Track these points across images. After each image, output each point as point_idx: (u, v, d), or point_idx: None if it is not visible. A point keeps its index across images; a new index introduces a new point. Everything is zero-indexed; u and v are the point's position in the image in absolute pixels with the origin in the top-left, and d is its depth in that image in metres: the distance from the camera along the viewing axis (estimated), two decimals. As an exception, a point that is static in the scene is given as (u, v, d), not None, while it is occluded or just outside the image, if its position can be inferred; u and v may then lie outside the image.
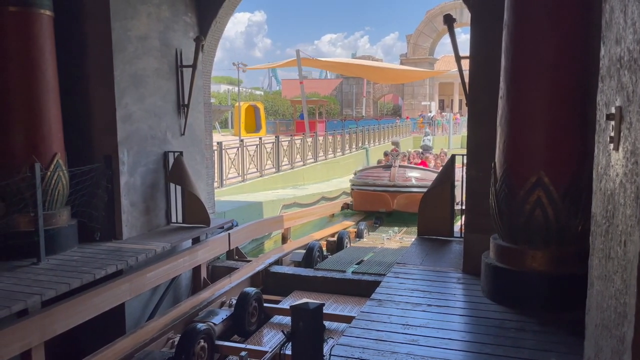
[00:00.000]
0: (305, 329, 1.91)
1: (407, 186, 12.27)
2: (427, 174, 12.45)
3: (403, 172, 12.57)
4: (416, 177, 12.53)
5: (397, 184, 12.28)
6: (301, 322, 1.93)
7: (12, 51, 5.49)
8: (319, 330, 1.94)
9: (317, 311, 1.93)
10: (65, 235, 5.86)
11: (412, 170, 12.91)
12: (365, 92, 48.30)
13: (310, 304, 1.99)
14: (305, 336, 1.91)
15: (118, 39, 6.32)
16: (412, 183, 12.36)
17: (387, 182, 12.40)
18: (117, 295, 5.63)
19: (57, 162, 5.74)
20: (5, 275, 5.01)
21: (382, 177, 12.60)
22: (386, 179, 12.46)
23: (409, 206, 11.82)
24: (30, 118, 5.58)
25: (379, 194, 12.48)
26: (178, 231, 7.04)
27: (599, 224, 2.15)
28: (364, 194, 12.73)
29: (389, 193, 12.32)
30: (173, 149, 7.24)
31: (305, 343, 1.89)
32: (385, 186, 12.41)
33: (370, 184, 12.72)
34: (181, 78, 7.46)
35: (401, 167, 12.74)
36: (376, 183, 12.63)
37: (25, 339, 4.52)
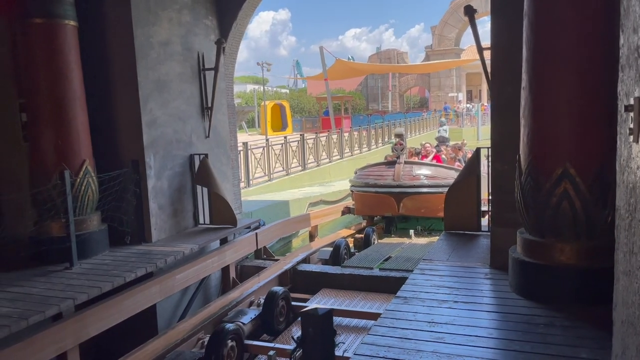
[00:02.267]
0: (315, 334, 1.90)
1: (415, 186, 9.99)
2: (439, 171, 10.37)
3: (410, 170, 10.17)
4: (426, 174, 10.16)
5: (403, 183, 10.00)
6: (311, 328, 1.92)
7: (40, 62, 5.65)
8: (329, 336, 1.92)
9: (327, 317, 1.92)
10: (96, 239, 6.00)
11: (420, 166, 10.48)
12: (391, 85, 47.97)
13: (320, 309, 1.99)
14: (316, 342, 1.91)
15: (140, 45, 6.43)
16: (420, 182, 10.01)
17: (391, 182, 10.11)
18: (147, 297, 5.74)
19: (86, 169, 5.88)
20: (39, 280, 5.16)
21: (385, 176, 10.29)
22: (389, 178, 10.16)
23: (417, 210, 10.13)
24: (58, 127, 5.73)
25: (381, 196, 10.23)
26: (206, 232, 7.14)
27: (623, 217, 2.09)
28: (365, 196, 10.58)
29: (394, 195, 10.05)
30: (198, 152, 7.33)
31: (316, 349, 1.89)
32: (389, 187, 10.13)
33: (371, 184, 10.39)
34: (204, 81, 7.54)
35: (407, 164, 10.35)
36: (378, 183, 10.30)
37: (60, 342, 4.65)
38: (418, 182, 10.01)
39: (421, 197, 9.96)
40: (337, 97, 37.44)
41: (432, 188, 9.85)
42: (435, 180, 9.98)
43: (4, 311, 4.34)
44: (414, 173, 10.11)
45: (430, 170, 10.35)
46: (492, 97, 4.97)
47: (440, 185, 9.62)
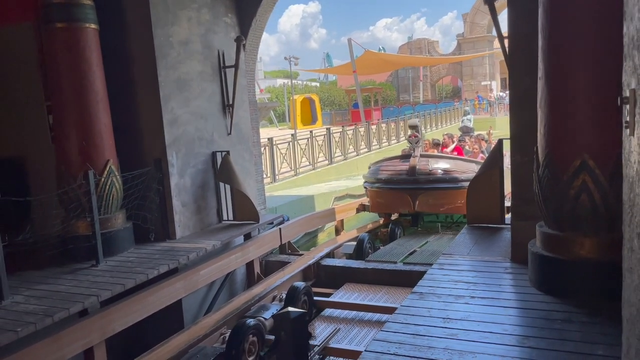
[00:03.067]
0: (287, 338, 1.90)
1: (432, 181, 9.15)
2: (458, 165, 9.42)
3: (426, 164, 9.28)
4: (444, 168, 9.24)
5: (419, 178, 9.16)
6: (283, 332, 1.92)
7: (63, 65, 5.80)
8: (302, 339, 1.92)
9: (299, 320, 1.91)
10: (122, 237, 6.15)
11: (437, 160, 9.53)
12: (422, 76, 47.37)
13: (292, 312, 1.97)
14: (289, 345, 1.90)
15: (160, 45, 6.53)
16: (438, 176, 9.13)
17: (406, 177, 9.23)
18: (172, 293, 5.85)
19: (110, 168, 6.02)
20: (66, 277, 5.34)
21: (400, 171, 9.42)
22: (404, 174, 9.29)
23: (434, 206, 9.36)
24: (82, 128, 5.88)
25: (395, 192, 9.40)
26: (229, 228, 7.23)
27: (626, 212, 2.02)
28: (379, 192, 9.75)
29: (409, 191, 9.20)
30: (220, 149, 7.42)
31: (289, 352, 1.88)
32: (403, 182, 9.29)
33: (385, 180, 9.54)
34: (225, 79, 7.61)
35: (423, 157, 9.45)
36: (392, 179, 9.44)
37: (87, 338, 4.79)
38: (435, 177, 9.13)
39: (438, 192, 9.14)
40: (366, 89, 37.22)
41: (450, 183, 9.02)
42: (453, 174, 9.16)
43: (30, 308, 4.50)
44: (430, 167, 9.21)
45: (449, 163, 9.43)
46: (510, 88, 4.85)
47: (459, 179, 8.95)
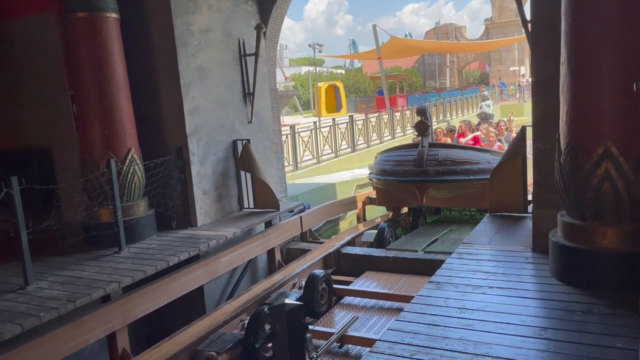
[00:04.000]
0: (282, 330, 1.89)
1: (441, 173, 8.22)
2: (471, 155, 8.42)
3: (435, 154, 8.34)
4: (455, 159, 8.27)
5: (427, 170, 8.24)
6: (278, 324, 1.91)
7: (85, 55, 5.88)
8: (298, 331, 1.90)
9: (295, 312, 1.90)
10: (144, 224, 6.25)
11: (448, 150, 8.59)
12: (449, 61, 46.61)
13: (288, 305, 1.96)
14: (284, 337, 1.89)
15: (181, 34, 6.56)
16: (448, 168, 8.21)
17: (413, 169, 8.35)
18: (193, 280, 5.94)
19: (132, 157, 6.11)
20: (89, 264, 5.45)
21: (406, 162, 8.57)
22: (410, 165, 8.43)
23: (444, 200, 8.69)
24: (105, 117, 5.97)
25: (402, 184, 8.57)
26: (250, 216, 7.27)
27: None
28: (385, 185, 8.94)
29: (416, 183, 8.37)
30: (241, 137, 7.44)
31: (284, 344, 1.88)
32: (411, 174, 8.39)
33: (390, 171, 8.68)
34: (245, 67, 7.61)
35: (432, 147, 8.50)
36: (398, 170, 8.57)
37: (109, 323, 4.91)
38: (445, 168, 8.21)
39: (448, 185, 8.31)
40: (392, 75, 36.85)
41: (462, 175, 8.11)
42: (466, 165, 8.17)
43: (54, 294, 4.62)
44: (440, 158, 8.27)
45: (461, 153, 8.43)
46: (532, 73, 4.71)
47: (472, 171, 8.08)
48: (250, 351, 4.96)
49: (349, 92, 42.15)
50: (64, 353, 4.43)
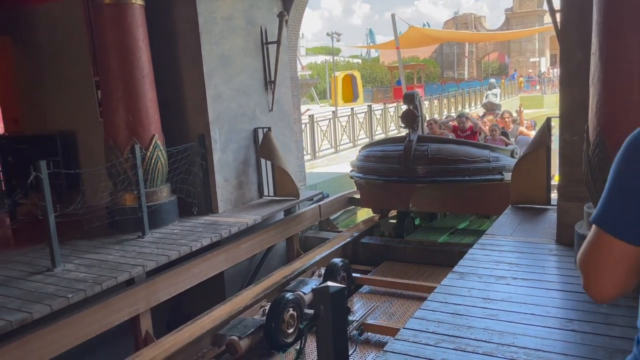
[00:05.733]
0: (327, 312, 1.92)
1: (431, 172, 6.91)
2: (468, 152, 7.00)
3: (424, 150, 6.97)
4: (448, 156, 6.90)
5: (414, 168, 6.94)
6: (322, 305, 1.94)
7: (110, 41, 5.93)
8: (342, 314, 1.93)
9: (339, 294, 1.92)
10: (166, 210, 6.32)
11: (440, 145, 7.11)
12: (468, 52, 46.10)
13: (332, 287, 1.98)
14: (328, 319, 1.92)
15: (204, 21, 6.58)
16: (439, 167, 6.87)
17: (397, 167, 7.03)
18: (214, 265, 6.02)
19: (156, 143, 6.16)
20: (114, 247, 5.54)
21: (391, 159, 7.20)
22: (396, 162, 7.07)
23: (434, 204, 7.48)
24: (129, 103, 6.02)
25: (386, 185, 7.32)
26: (270, 204, 7.31)
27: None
28: (367, 185, 7.68)
29: (401, 184, 7.10)
30: (262, 125, 7.47)
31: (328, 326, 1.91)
32: (396, 173, 7.08)
33: (372, 169, 7.38)
34: (267, 55, 7.61)
35: (422, 142, 7.07)
36: (380, 168, 7.27)
37: (133, 306, 5.00)
38: (435, 167, 6.89)
39: (440, 187, 7.01)
40: (409, 65, 36.53)
41: (456, 175, 6.85)
42: (460, 163, 6.86)
43: (80, 276, 4.71)
44: (430, 154, 6.93)
45: (455, 149, 7.04)
46: (561, 64, 4.66)
47: (468, 170, 6.84)
48: (271, 336, 5.03)
49: (366, 82, 41.91)
50: (90, 334, 4.53)
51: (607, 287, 1.11)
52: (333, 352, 1.91)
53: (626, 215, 1.07)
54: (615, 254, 1.08)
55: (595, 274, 1.11)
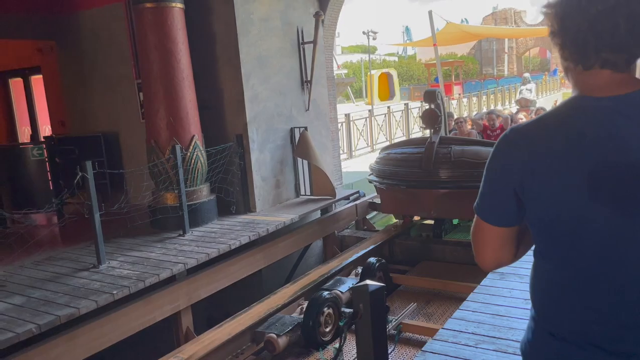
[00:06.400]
0: (366, 310, 1.92)
1: (455, 177, 6.36)
2: None
3: (447, 153, 6.46)
4: (473, 159, 6.31)
5: (436, 172, 6.42)
6: (361, 304, 1.95)
7: (151, 45, 6.07)
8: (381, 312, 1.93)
9: (378, 293, 1.93)
10: (206, 209, 6.44)
11: (464, 147, 6.54)
12: (507, 47, 45.09)
13: (371, 285, 1.98)
14: (367, 317, 1.92)
15: (242, 22, 6.67)
16: (463, 171, 6.30)
17: (418, 171, 6.53)
18: (253, 264, 6.11)
19: (195, 143, 6.29)
20: (156, 245, 5.69)
21: (411, 162, 6.68)
22: (416, 166, 6.57)
23: (459, 212, 6.83)
24: (170, 105, 6.16)
25: (407, 191, 6.77)
26: (307, 203, 7.35)
27: None
28: (387, 190, 7.14)
29: (423, 189, 6.60)
30: (299, 125, 7.52)
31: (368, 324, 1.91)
32: (416, 178, 6.56)
33: (392, 173, 6.85)
34: (303, 55, 7.65)
35: (444, 144, 6.57)
36: (400, 172, 6.74)
37: (175, 302, 5.13)
38: (459, 171, 6.30)
39: (464, 193, 6.24)
40: (447, 62, 36.04)
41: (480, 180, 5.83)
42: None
43: (124, 273, 4.86)
44: (453, 157, 6.40)
45: (481, 151, 6.40)
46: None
47: None
48: (309, 334, 5.06)
49: (402, 79, 41.62)
50: (133, 329, 4.67)
51: (487, 259, 1.39)
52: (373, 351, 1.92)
53: (491, 203, 1.31)
54: (487, 234, 1.34)
55: (477, 249, 1.40)
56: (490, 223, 1.32)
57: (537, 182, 1.22)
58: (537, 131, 1.26)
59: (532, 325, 1.35)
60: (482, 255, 1.39)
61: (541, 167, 1.21)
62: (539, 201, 1.23)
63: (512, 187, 1.26)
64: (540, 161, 1.21)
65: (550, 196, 1.21)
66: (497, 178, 1.30)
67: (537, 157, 1.22)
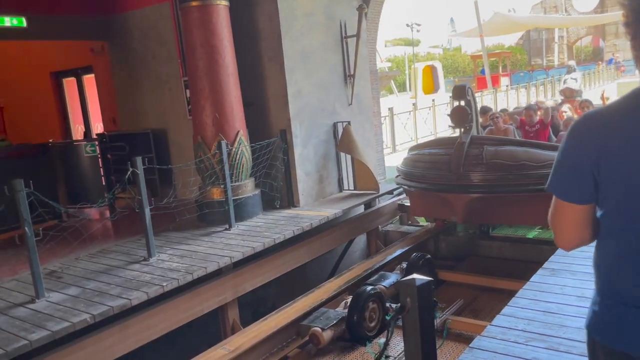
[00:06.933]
0: (413, 304, 1.90)
1: (487, 181, 5.79)
2: (532, 155, 5.70)
3: (478, 154, 5.85)
4: (508, 161, 5.73)
5: (466, 176, 5.85)
6: (408, 298, 1.92)
7: (197, 42, 6.18)
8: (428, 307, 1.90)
9: (426, 287, 1.90)
10: (251, 203, 6.53)
11: (498, 147, 5.88)
12: (557, 37, 43.51)
13: (418, 279, 1.95)
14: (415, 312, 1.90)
15: (285, 18, 6.70)
16: (495, 175, 5.74)
17: (446, 174, 5.98)
18: (297, 258, 6.16)
19: (240, 139, 6.37)
20: (203, 239, 5.81)
21: (439, 164, 6.12)
22: (444, 169, 6.02)
23: (492, 217, 6.41)
24: (216, 101, 6.26)
25: (435, 195, 6.28)
26: (350, 198, 7.34)
27: None
28: (415, 192, 6.66)
29: (451, 193, 6.01)
30: (342, 120, 7.50)
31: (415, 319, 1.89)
32: (444, 182, 6.02)
33: (419, 176, 6.34)
34: (346, 49, 7.62)
35: (476, 143, 5.94)
36: (427, 175, 6.22)
37: (222, 295, 5.23)
38: (492, 175, 5.76)
39: (498, 198, 5.84)
40: (494, 53, 35.15)
41: (517, 185, 5.62)
42: (523, 170, 5.61)
43: (173, 266, 4.99)
44: (485, 158, 5.80)
45: (516, 152, 5.77)
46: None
47: (532, 178, 5.54)
48: (353, 329, 5.06)
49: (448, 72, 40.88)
50: (181, 321, 4.80)
51: (568, 238, 1.51)
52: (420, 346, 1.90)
53: (570, 182, 1.43)
54: (567, 213, 1.46)
55: (558, 230, 1.51)
56: (570, 202, 1.44)
57: (612, 162, 1.36)
58: (610, 115, 1.41)
59: (599, 300, 1.49)
60: (563, 235, 1.51)
61: (615, 148, 1.35)
62: (612, 179, 1.37)
63: (590, 166, 1.39)
64: (615, 142, 1.35)
65: (623, 175, 1.35)
66: (575, 158, 1.43)
67: (612, 138, 1.36)
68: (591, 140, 1.39)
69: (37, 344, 3.69)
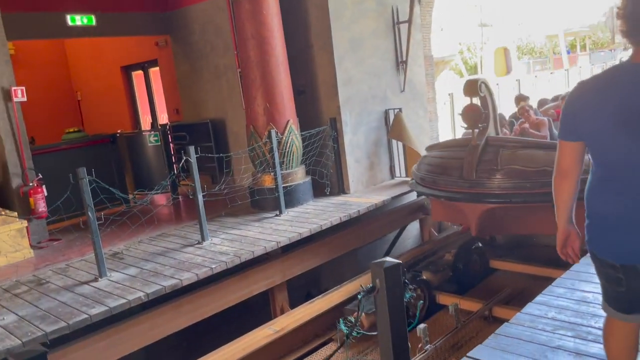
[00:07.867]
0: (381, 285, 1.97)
1: (503, 190, 5.14)
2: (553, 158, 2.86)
3: (494, 157, 5.26)
4: (526, 166, 5.10)
5: (480, 182, 5.24)
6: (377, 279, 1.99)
7: (249, 33, 6.37)
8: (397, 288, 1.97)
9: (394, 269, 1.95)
10: (301, 190, 6.70)
11: (516, 150, 5.24)
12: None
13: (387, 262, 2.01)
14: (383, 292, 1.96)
15: (335, 7, 6.76)
16: (513, 182, 5.10)
17: (457, 180, 5.40)
18: (345, 244, 6.28)
19: (290, 127, 6.54)
20: (254, 224, 6.06)
21: (451, 169, 5.55)
22: (456, 175, 5.44)
23: (510, 227, 5.71)
24: (267, 91, 6.44)
25: (449, 202, 5.68)
26: (401, 185, 7.32)
27: None
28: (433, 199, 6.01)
29: (464, 202, 5.43)
30: (393, 106, 7.48)
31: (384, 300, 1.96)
32: (457, 189, 5.42)
33: (430, 181, 5.77)
34: (398, 35, 7.56)
35: (493, 145, 5.34)
36: (438, 181, 5.65)
37: (270, 278, 5.46)
38: (508, 182, 5.12)
39: (515, 209, 5.21)
40: (572, 32, 33.24)
41: (538, 193, 4.89)
42: (544, 176, 4.81)
43: (224, 249, 5.25)
44: (500, 164, 5.18)
45: (537, 155, 5.11)
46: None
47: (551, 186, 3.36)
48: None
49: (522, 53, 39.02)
50: (231, 302, 5.07)
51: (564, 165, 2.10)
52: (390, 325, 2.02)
53: (566, 129, 2.06)
54: (565, 150, 2.08)
55: (558, 161, 2.12)
56: (567, 140, 2.06)
57: (585, 113, 1.96)
58: (591, 81, 2.02)
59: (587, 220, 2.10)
60: (560, 163, 2.10)
61: (587, 103, 1.96)
62: (586, 127, 1.97)
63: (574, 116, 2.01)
64: (587, 99, 1.96)
65: (590, 123, 1.94)
66: (568, 112, 2.05)
67: (586, 96, 1.97)
68: (575, 97, 2.02)
69: (96, 318, 4.05)
